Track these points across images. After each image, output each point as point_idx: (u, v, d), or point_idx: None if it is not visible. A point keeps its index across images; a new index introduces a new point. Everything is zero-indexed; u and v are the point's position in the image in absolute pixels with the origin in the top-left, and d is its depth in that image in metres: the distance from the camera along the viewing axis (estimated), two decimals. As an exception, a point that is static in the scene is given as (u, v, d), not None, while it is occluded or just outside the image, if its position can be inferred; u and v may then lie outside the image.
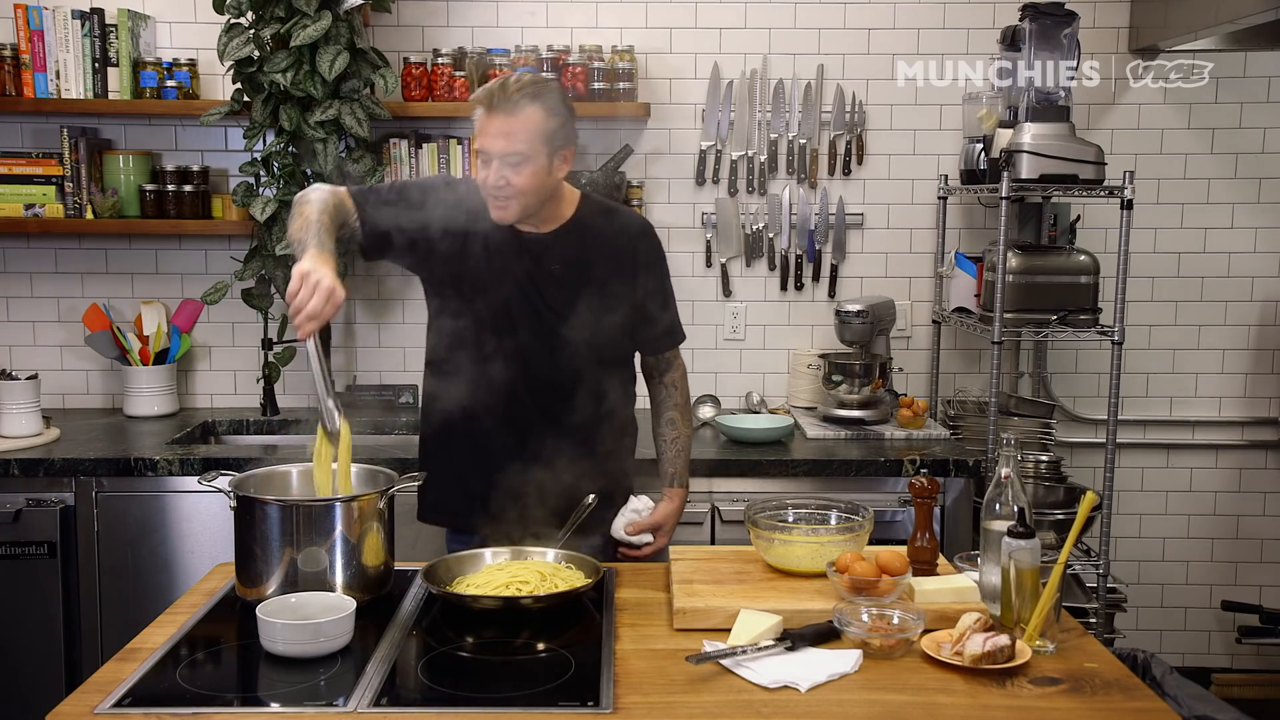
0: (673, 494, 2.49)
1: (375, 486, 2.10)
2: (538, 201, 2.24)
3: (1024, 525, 1.84)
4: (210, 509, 2.92)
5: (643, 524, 2.41)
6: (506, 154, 2.15)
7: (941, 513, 3.01)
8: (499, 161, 2.16)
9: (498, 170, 2.17)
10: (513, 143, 2.15)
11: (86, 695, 1.64)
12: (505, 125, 2.14)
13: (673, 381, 2.51)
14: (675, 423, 2.50)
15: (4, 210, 3.36)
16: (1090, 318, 3.18)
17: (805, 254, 3.62)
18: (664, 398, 2.51)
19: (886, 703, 1.64)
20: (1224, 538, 3.80)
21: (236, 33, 3.14)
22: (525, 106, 2.14)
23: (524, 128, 2.15)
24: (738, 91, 3.55)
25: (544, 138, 2.17)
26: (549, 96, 2.19)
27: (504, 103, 2.14)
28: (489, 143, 2.16)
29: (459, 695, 1.67)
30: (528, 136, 2.15)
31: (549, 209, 2.29)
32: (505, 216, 2.24)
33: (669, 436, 2.50)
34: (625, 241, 2.37)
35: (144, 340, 3.47)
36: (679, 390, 2.51)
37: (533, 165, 2.17)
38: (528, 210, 2.24)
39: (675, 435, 2.50)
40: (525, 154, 2.16)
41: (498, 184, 2.18)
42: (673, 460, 2.50)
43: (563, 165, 2.25)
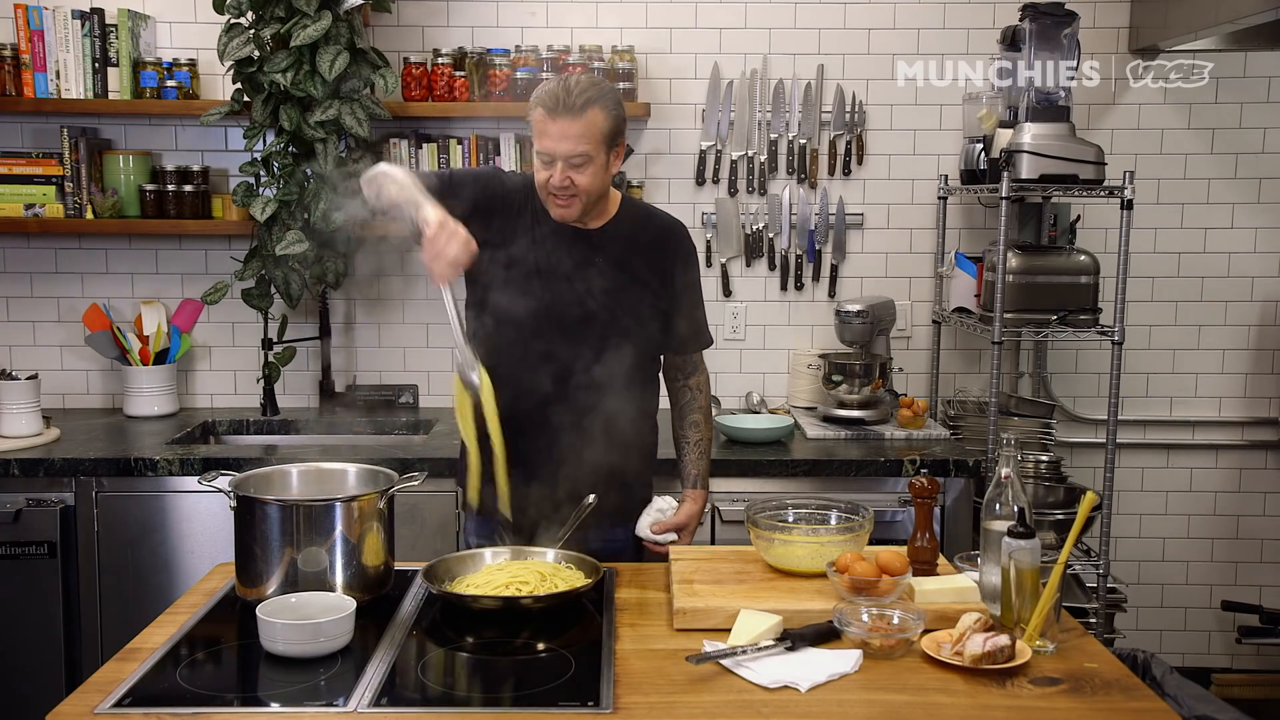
0: (695, 495, 2.52)
1: (375, 486, 2.10)
2: (597, 199, 2.31)
3: (1024, 525, 1.84)
4: (210, 509, 2.92)
5: (668, 524, 2.44)
6: (571, 155, 2.20)
7: (941, 513, 3.00)
8: (563, 163, 2.21)
9: (562, 172, 2.22)
10: (577, 144, 2.20)
11: (86, 695, 1.64)
12: (569, 128, 2.19)
13: (698, 385, 2.54)
14: (699, 425, 2.53)
15: (4, 210, 3.36)
16: (1090, 318, 3.18)
17: (805, 254, 3.62)
18: (688, 400, 2.54)
19: (886, 703, 1.64)
20: (1224, 538, 3.80)
21: (236, 33, 3.14)
22: (588, 109, 2.19)
23: (587, 130, 2.20)
24: (738, 91, 3.55)
25: (604, 138, 2.24)
26: (608, 97, 2.24)
27: (568, 106, 2.18)
28: (553, 145, 2.21)
29: (459, 695, 1.67)
30: (591, 138, 2.21)
31: (600, 204, 2.35)
32: (568, 216, 2.29)
33: (692, 439, 2.53)
34: (664, 240, 2.43)
35: (144, 340, 3.47)
36: (703, 394, 2.55)
37: (594, 165, 2.24)
38: (588, 210, 2.30)
39: (699, 438, 2.53)
40: (589, 154, 2.22)
41: (562, 185, 2.23)
42: (695, 462, 2.53)
43: (617, 161, 2.31)
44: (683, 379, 2.54)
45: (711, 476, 2.96)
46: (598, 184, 2.26)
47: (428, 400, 3.60)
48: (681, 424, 2.55)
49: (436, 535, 2.93)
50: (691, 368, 2.54)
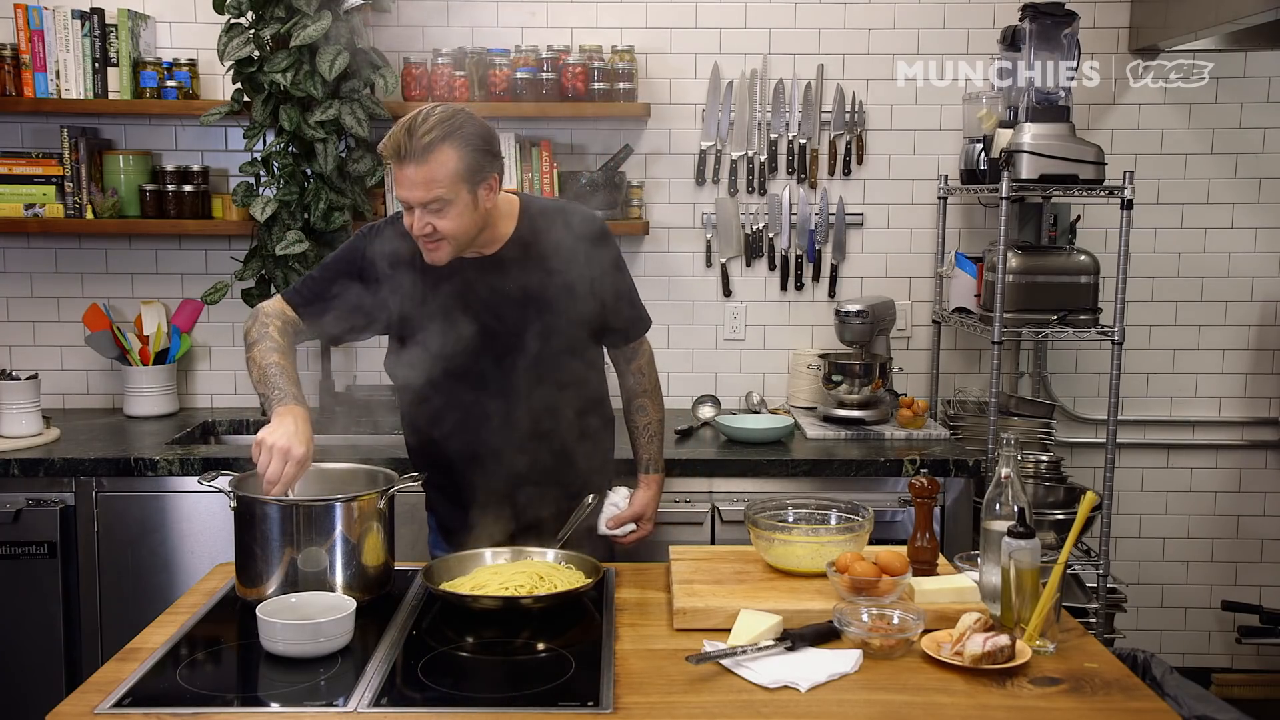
0: (649, 480, 2.51)
1: (375, 486, 2.10)
2: (470, 238, 2.19)
3: (1024, 525, 1.84)
4: (210, 509, 2.92)
5: (623, 515, 2.44)
6: (426, 202, 2.09)
7: (941, 513, 3.00)
8: (420, 209, 2.11)
9: (421, 218, 2.11)
10: (430, 190, 2.08)
11: (86, 695, 1.64)
12: (418, 174, 2.07)
13: (639, 368, 2.49)
14: (645, 409, 2.51)
15: (4, 210, 3.36)
16: (1090, 318, 3.18)
17: (805, 254, 3.62)
18: (632, 385, 2.50)
19: (886, 703, 1.64)
20: (1224, 538, 3.80)
21: (236, 33, 3.14)
22: (435, 150, 2.06)
23: (437, 173, 2.07)
24: (738, 91, 3.55)
25: (462, 177, 2.10)
26: (459, 132, 2.09)
27: (412, 151, 2.06)
28: (406, 193, 2.10)
29: (459, 695, 1.67)
30: (443, 182, 2.08)
31: (487, 233, 2.24)
32: (439, 259, 2.19)
33: (640, 424, 2.51)
34: (573, 242, 2.30)
35: (144, 340, 3.47)
36: (647, 376, 2.50)
37: (455, 207, 2.11)
38: (461, 248, 2.20)
39: (646, 421, 2.51)
40: (443, 199, 2.10)
41: (423, 231, 2.13)
42: (645, 446, 2.51)
43: (489, 194, 2.17)
44: (625, 365, 2.49)
45: (712, 477, 2.99)
46: (465, 224, 2.14)
47: (428, 400, 3.59)
48: (629, 410, 2.52)
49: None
50: (632, 353, 2.48)
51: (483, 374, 2.30)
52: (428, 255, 2.19)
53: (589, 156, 3.54)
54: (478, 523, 2.30)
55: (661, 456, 2.54)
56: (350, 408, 3.53)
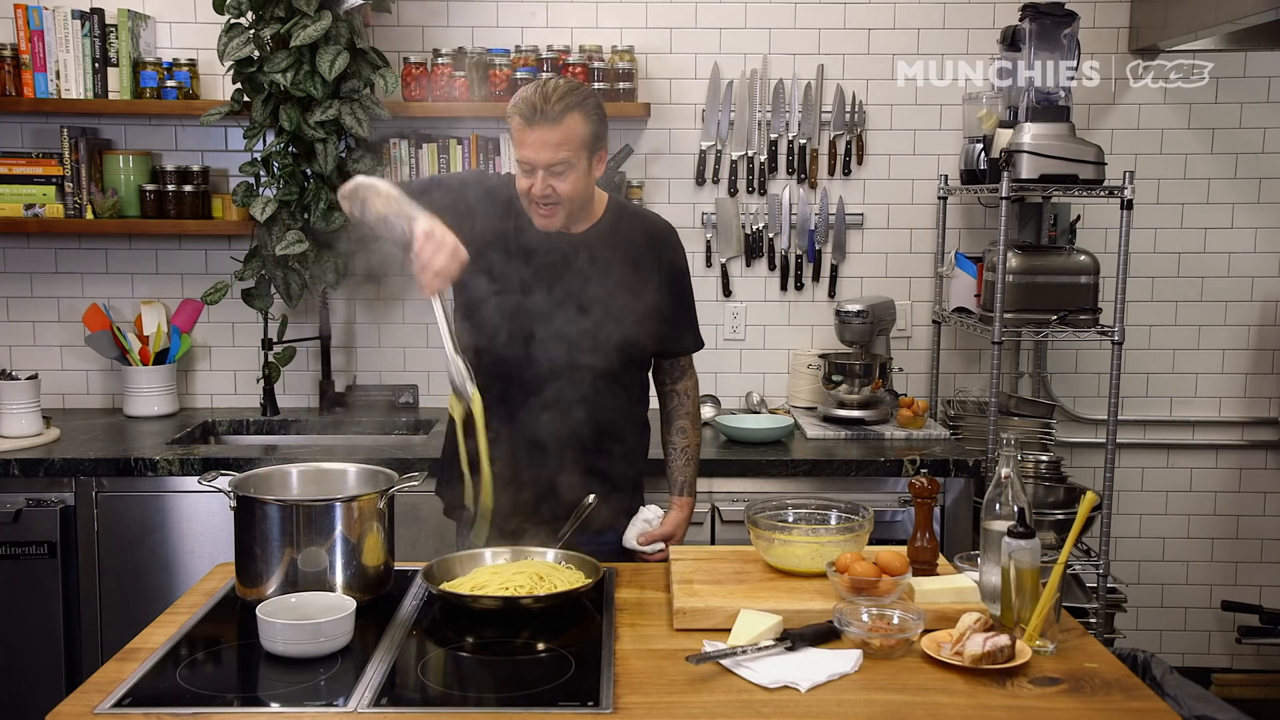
0: (681, 503, 2.51)
1: (375, 486, 2.10)
2: (579, 206, 2.28)
3: (1024, 525, 1.84)
4: (210, 509, 2.92)
5: (654, 534, 2.43)
6: (552, 164, 2.17)
7: (941, 513, 3.01)
8: (544, 171, 2.18)
9: (543, 180, 2.19)
10: (558, 152, 2.17)
11: (86, 695, 1.64)
12: (548, 135, 2.15)
13: (685, 390, 2.52)
14: (686, 431, 2.52)
15: (4, 210, 3.36)
16: (1090, 318, 3.18)
17: (805, 254, 3.62)
18: (675, 405, 2.52)
19: (886, 703, 1.64)
20: (1224, 538, 3.80)
21: (236, 33, 3.14)
22: (566, 115, 2.15)
23: (567, 137, 2.16)
24: (738, 91, 3.55)
25: (585, 144, 2.20)
26: (587, 102, 2.20)
27: (546, 113, 2.15)
28: (533, 154, 2.17)
29: (459, 695, 1.67)
30: (571, 145, 2.17)
31: (584, 209, 2.32)
32: (551, 224, 2.27)
33: (679, 445, 2.52)
34: (653, 244, 2.40)
35: (144, 340, 3.47)
36: (691, 399, 2.53)
37: (575, 172, 2.20)
38: (571, 216, 2.28)
39: (685, 444, 2.52)
40: (570, 162, 2.18)
41: (544, 193, 2.21)
42: (682, 469, 2.52)
43: (599, 165, 2.28)
44: (670, 383, 2.52)
45: (712, 477, 2.99)
46: (580, 190, 2.24)
47: (428, 400, 3.60)
48: (669, 430, 2.53)
49: (436, 535, 2.93)
50: (679, 372, 2.52)
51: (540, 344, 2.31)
52: (541, 219, 2.26)
53: (589, 156, 3.54)
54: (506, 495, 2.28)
55: (695, 481, 2.54)
56: (350, 408, 3.53)
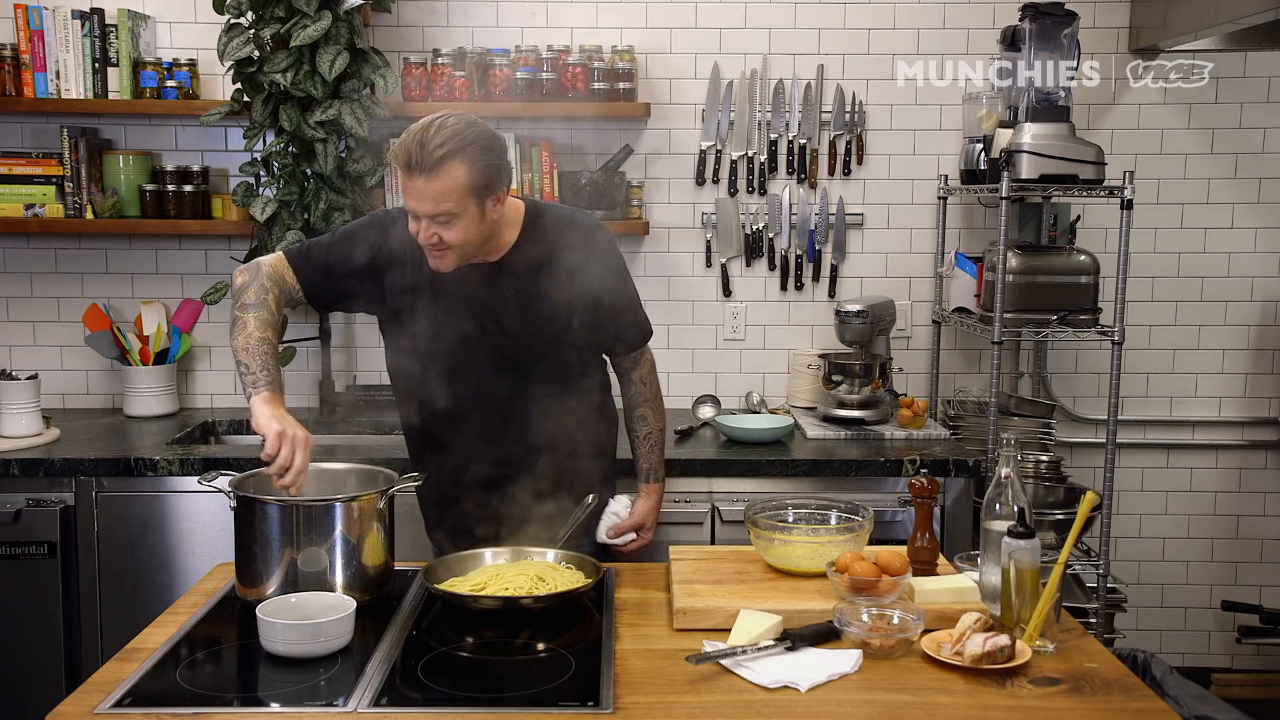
0: (649, 490, 2.50)
1: (375, 486, 2.10)
2: (476, 248, 2.18)
3: (1024, 525, 1.84)
4: (210, 509, 2.92)
5: (623, 525, 2.43)
6: (434, 214, 2.07)
7: (941, 513, 3.00)
8: (427, 220, 2.09)
9: (428, 228, 2.09)
10: (439, 204, 2.06)
11: (86, 695, 1.64)
12: (426, 187, 2.04)
13: (641, 378, 2.47)
14: (646, 419, 2.49)
15: (4, 210, 3.36)
16: (1090, 318, 3.18)
17: (805, 254, 3.62)
18: (634, 394, 2.49)
19: (886, 703, 1.64)
20: (1224, 538, 3.80)
21: (236, 33, 3.14)
22: (445, 164, 2.03)
23: (448, 188, 2.05)
24: (738, 91, 3.55)
25: (469, 192, 2.07)
26: (469, 147, 2.05)
27: (423, 164, 2.03)
28: (414, 204, 2.08)
29: (459, 695, 1.67)
30: (453, 196, 2.06)
31: (492, 241, 2.22)
32: (444, 268, 2.17)
33: (641, 433, 2.50)
34: (575, 250, 2.29)
35: (144, 340, 3.47)
36: (649, 386, 2.49)
37: (463, 220, 2.09)
38: (468, 258, 2.18)
39: (648, 431, 2.50)
40: (453, 213, 2.07)
41: (430, 241, 2.11)
42: (646, 456, 2.50)
43: (497, 206, 2.15)
44: (626, 373, 2.48)
45: (712, 477, 2.99)
46: (472, 236, 2.12)
47: (428, 400, 3.59)
48: (630, 419, 2.51)
49: (436, 535, 2.93)
50: (633, 362, 2.46)
51: (481, 379, 2.30)
52: (433, 262, 2.17)
53: (589, 156, 3.54)
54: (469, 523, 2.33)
55: (662, 466, 2.53)
56: (350, 408, 3.53)
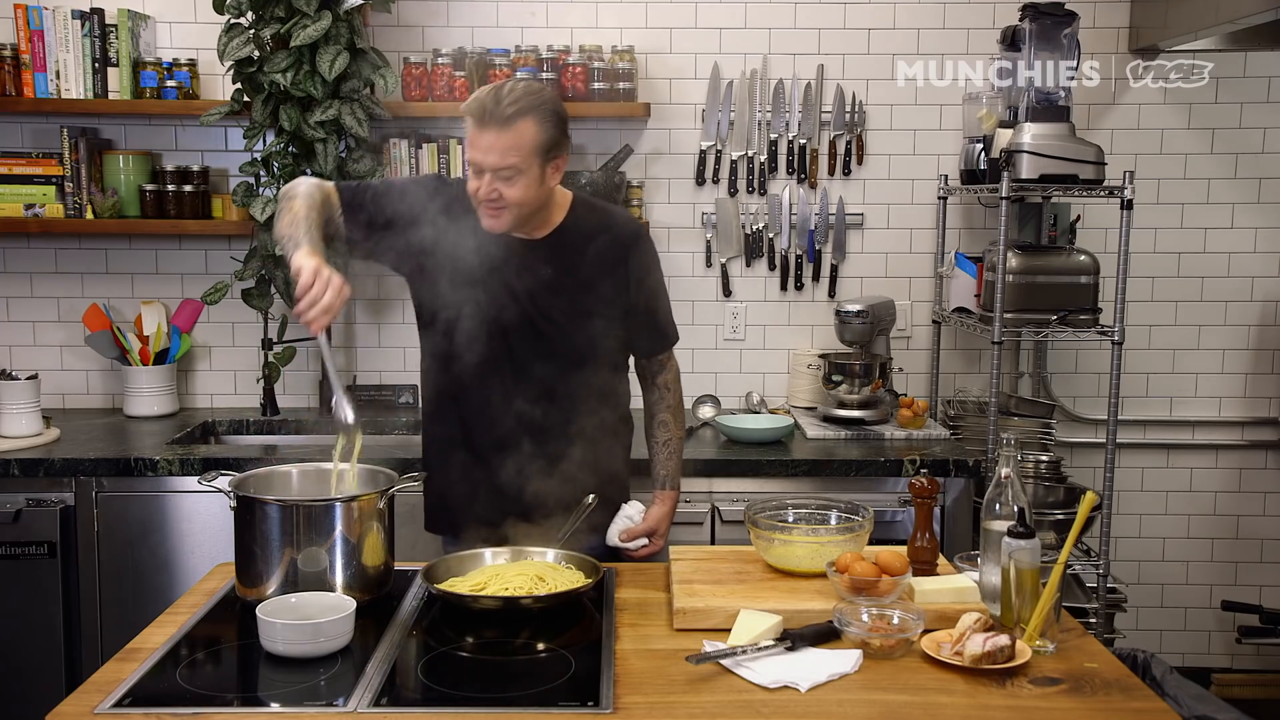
0: (664, 496, 2.48)
1: (375, 486, 2.10)
2: (531, 212, 2.22)
3: (1024, 525, 1.84)
4: (210, 509, 2.92)
5: (636, 530, 2.41)
6: (499, 168, 2.11)
7: (941, 513, 3.01)
8: (491, 174, 2.13)
9: (490, 183, 2.13)
10: (505, 157, 2.10)
11: (86, 695, 1.64)
12: (497, 140, 2.09)
13: (665, 384, 2.49)
14: (667, 425, 2.49)
15: (4, 210, 3.36)
16: (1090, 318, 3.18)
17: (805, 254, 3.62)
18: (656, 400, 2.49)
19: (886, 703, 1.64)
20: (1224, 538, 3.80)
21: (236, 33, 3.14)
22: (518, 120, 2.09)
23: (517, 142, 2.10)
24: (738, 91, 3.55)
25: (537, 150, 2.13)
26: (543, 107, 2.13)
27: (496, 116, 2.08)
28: (480, 156, 2.12)
29: (459, 695, 1.67)
30: (521, 151, 2.11)
31: (541, 215, 2.27)
32: (497, 227, 2.20)
33: (660, 439, 2.49)
34: (617, 245, 2.34)
35: (144, 340, 3.47)
36: (672, 392, 2.49)
37: (525, 178, 2.13)
38: (520, 221, 2.22)
39: (667, 438, 2.49)
40: (518, 168, 2.12)
41: (490, 196, 2.15)
42: (664, 463, 2.48)
43: (555, 174, 2.21)
44: (651, 379, 2.49)
45: (712, 477, 2.99)
46: (530, 197, 2.16)
47: (428, 400, 3.59)
48: (650, 424, 2.51)
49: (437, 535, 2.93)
50: (659, 367, 2.48)
51: (508, 353, 2.30)
52: (486, 220, 2.19)
53: (589, 156, 3.54)
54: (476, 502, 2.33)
55: (679, 474, 2.51)
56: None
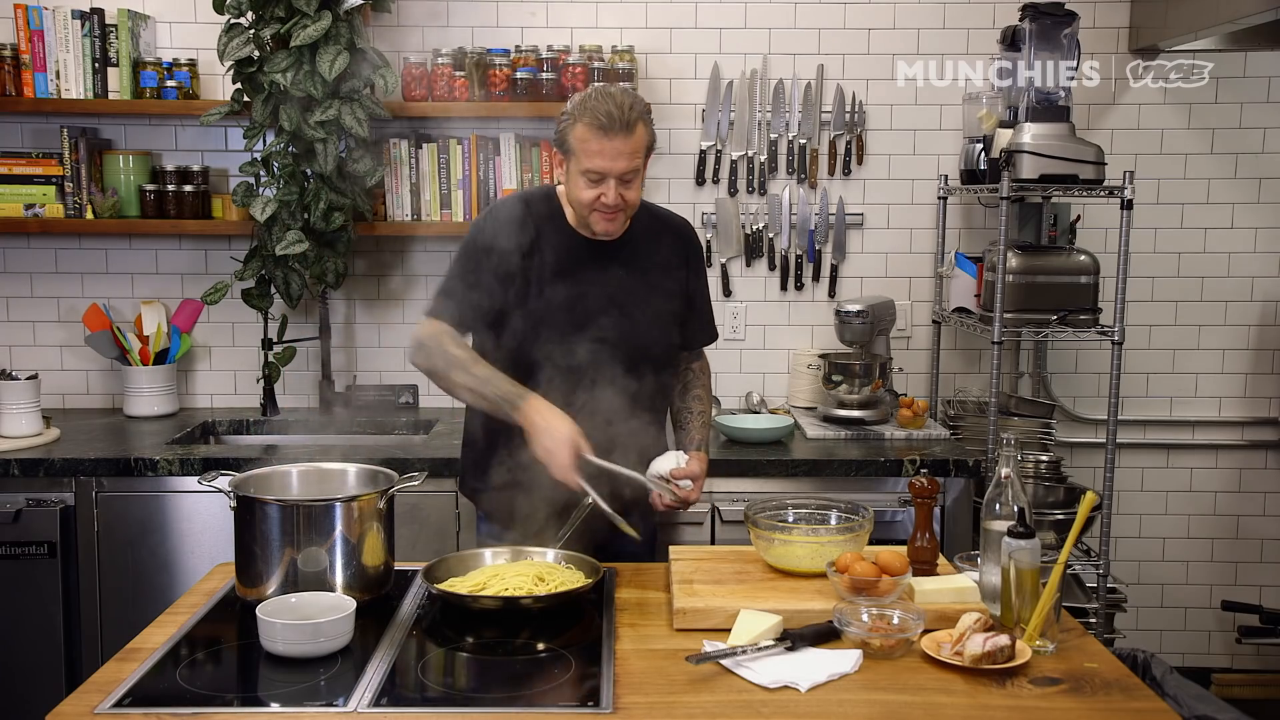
0: (700, 456, 2.41)
1: (375, 486, 2.10)
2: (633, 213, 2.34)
3: (1024, 525, 1.84)
4: (210, 509, 2.92)
5: (683, 470, 2.31)
6: (626, 172, 2.22)
7: (941, 513, 3.01)
8: (616, 180, 2.22)
9: (615, 189, 2.23)
10: (632, 160, 2.22)
11: (86, 695, 1.64)
12: (624, 145, 2.20)
13: (700, 368, 2.59)
14: (701, 399, 2.54)
15: (4, 210, 3.36)
16: (1090, 318, 3.18)
17: (805, 254, 3.62)
18: (691, 379, 2.56)
19: (886, 703, 1.64)
20: (1224, 538, 3.80)
21: (236, 33, 3.14)
22: (637, 123, 2.21)
23: (639, 145, 2.23)
24: (738, 91, 3.55)
25: (648, 151, 2.28)
26: (648, 110, 2.27)
27: (623, 122, 2.19)
28: (608, 163, 2.20)
29: (459, 695, 1.67)
30: (641, 153, 2.24)
31: None
32: (615, 230, 2.32)
33: (695, 410, 2.52)
34: (679, 241, 2.46)
35: (144, 340, 3.47)
36: (706, 375, 2.59)
37: (639, 179, 2.28)
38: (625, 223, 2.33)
39: (701, 409, 2.53)
40: (638, 170, 2.25)
41: (616, 203, 2.24)
42: (699, 430, 2.49)
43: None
44: (685, 364, 2.57)
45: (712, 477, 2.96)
46: (640, 197, 2.31)
47: (428, 400, 3.59)
48: (685, 398, 2.54)
49: (436, 535, 2.93)
50: (694, 356, 2.58)
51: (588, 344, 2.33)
52: (603, 225, 2.29)
53: (589, 156, 3.54)
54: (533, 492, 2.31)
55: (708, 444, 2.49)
56: (350, 408, 3.53)
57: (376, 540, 2.01)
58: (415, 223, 3.44)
